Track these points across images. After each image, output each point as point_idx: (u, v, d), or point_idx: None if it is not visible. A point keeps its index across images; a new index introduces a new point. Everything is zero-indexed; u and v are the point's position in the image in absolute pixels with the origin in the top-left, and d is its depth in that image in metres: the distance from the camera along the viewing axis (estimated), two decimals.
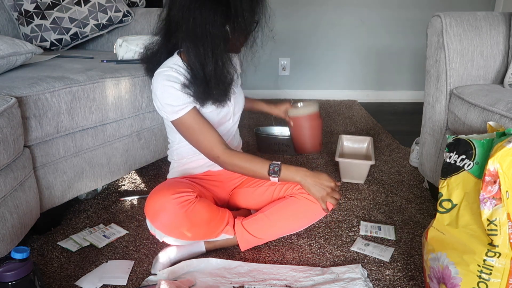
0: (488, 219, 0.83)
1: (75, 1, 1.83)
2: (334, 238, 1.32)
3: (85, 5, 1.84)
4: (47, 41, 1.81)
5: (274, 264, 1.19)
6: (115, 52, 1.68)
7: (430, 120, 1.45)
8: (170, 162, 1.32)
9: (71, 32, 1.84)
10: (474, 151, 0.89)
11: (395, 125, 2.52)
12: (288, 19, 2.92)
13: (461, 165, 0.91)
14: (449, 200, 0.92)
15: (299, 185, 1.18)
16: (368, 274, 1.15)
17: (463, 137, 0.93)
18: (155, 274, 1.13)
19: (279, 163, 1.12)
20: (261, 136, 2.01)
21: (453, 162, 0.93)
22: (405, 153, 2.04)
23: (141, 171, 1.80)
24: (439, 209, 0.95)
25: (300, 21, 2.94)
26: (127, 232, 1.34)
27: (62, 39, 1.84)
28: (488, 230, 0.83)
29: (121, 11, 1.92)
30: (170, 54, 1.15)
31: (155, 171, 1.81)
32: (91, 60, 1.61)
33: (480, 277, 0.85)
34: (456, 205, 0.91)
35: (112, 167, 1.45)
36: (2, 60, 1.20)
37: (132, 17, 1.97)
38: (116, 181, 1.71)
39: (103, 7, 1.87)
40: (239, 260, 1.20)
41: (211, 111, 1.16)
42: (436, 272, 0.95)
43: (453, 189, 0.92)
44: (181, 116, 1.10)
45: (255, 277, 1.12)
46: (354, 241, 1.30)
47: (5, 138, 1.00)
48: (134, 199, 1.56)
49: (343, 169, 1.70)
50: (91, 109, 1.30)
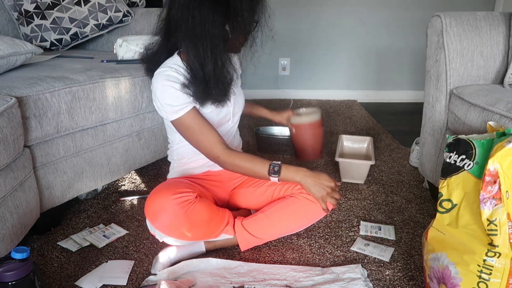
0: (488, 219, 0.83)
1: (75, 1, 1.83)
2: (334, 238, 1.32)
3: (85, 5, 1.84)
4: (47, 41, 1.81)
5: (274, 264, 1.19)
6: (115, 52, 1.68)
7: (430, 120, 1.45)
8: (170, 162, 1.32)
9: (71, 32, 1.84)
10: (474, 151, 0.89)
11: (395, 125, 2.52)
12: (288, 19, 2.92)
13: (461, 165, 0.91)
14: (449, 200, 0.92)
15: (299, 185, 1.18)
16: (368, 274, 1.15)
17: (463, 137, 0.93)
18: (155, 274, 1.13)
19: (279, 163, 1.12)
20: (261, 136, 2.01)
21: (453, 162, 0.93)
22: (405, 153, 2.04)
23: (141, 171, 1.80)
24: (439, 209, 0.95)
25: (300, 21, 2.94)
26: (127, 232, 1.35)
27: (62, 39, 1.84)
28: (488, 230, 0.83)
29: (121, 11, 1.92)
30: (170, 54, 1.15)
31: (155, 171, 1.81)
32: (91, 60, 1.61)
33: (480, 277, 0.85)
34: (456, 205, 0.91)
35: (112, 167, 1.45)
36: (2, 60, 1.20)
37: (132, 17, 1.97)
38: (116, 181, 1.71)
39: (103, 7, 1.87)
40: (239, 260, 1.20)
41: (210, 111, 1.16)
42: (436, 272, 0.95)
43: (453, 189, 0.92)
44: (181, 116, 1.10)
45: (255, 277, 1.12)
46: (354, 241, 1.30)
47: (5, 138, 1.00)
48: (134, 199, 1.56)
49: (343, 169, 1.70)
50: (91, 109, 1.30)
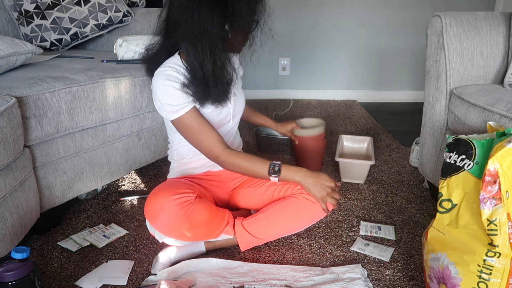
0: (488, 219, 0.83)
1: (75, 1, 1.83)
2: (334, 238, 1.32)
3: (85, 5, 1.84)
4: (47, 41, 1.81)
5: (274, 264, 1.19)
6: (115, 52, 1.68)
7: (430, 120, 1.45)
8: (170, 162, 1.32)
9: (71, 32, 1.84)
10: (474, 151, 0.89)
11: (395, 125, 2.52)
12: (288, 19, 2.92)
13: (461, 165, 0.91)
14: (449, 200, 0.92)
15: (299, 186, 1.18)
16: (368, 274, 1.15)
17: (463, 137, 0.93)
18: (155, 274, 1.13)
19: (279, 163, 1.12)
20: (261, 136, 2.01)
21: (453, 162, 0.93)
22: (405, 153, 2.04)
23: (141, 171, 1.80)
24: (439, 209, 0.95)
25: (300, 21, 2.94)
26: (127, 232, 1.35)
27: (62, 39, 1.84)
28: (488, 230, 0.83)
29: (121, 11, 1.92)
30: (170, 54, 1.15)
31: (155, 171, 1.81)
32: (91, 60, 1.61)
33: (480, 277, 0.85)
34: (456, 205, 0.91)
35: (112, 167, 1.45)
36: (2, 60, 1.20)
37: (132, 17, 1.97)
38: (116, 181, 1.71)
39: (103, 7, 1.87)
40: (239, 260, 1.20)
41: (210, 111, 1.16)
42: (436, 272, 0.95)
43: (453, 189, 0.92)
44: (181, 115, 1.10)
45: (255, 277, 1.12)
46: (354, 241, 1.30)
47: (5, 138, 1.00)
48: (134, 199, 1.56)
49: (343, 169, 1.70)
50: (91, 109, 1.30)
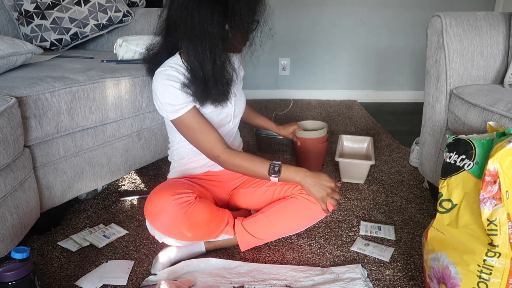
0: (488, 219, 0.83)
1: (75, 1, 1.83)
2: (334, 238, 1.32)
3: (85, 5, 1.84)
4: (47, 41, 1.81)
5: (274, 264, 1.19)
6: (115, 52, 1.68)
7: (430, 120, 1.45)
8: (170, 162, 1.32)
9: (71, 32, 1.84)
10: (474, 151, 0.89)
11: (395, 125, 2.52)
12: (288, 19, 2.92)
13: (461, 165, 0.91)
14: (449, 200, 0.92)
15: (299, 186, 1.18)
16: (368, 274, 1.15)
17: (463, 137, 0.93)
18: (155, 274, 1.13)
19: (280, 163, 1.12)
20: (261, 136, 2.01)
21: (453, 162, 0.93)
22: (405, 153, 2.04)
23: (141, 171, 1.80)
24: (439, 209, 0.95)
25: (300, 21, 2.94)
26: (127, 232, 1.35)
27: (62, 39, 1.84)
28: (488, 230, 0.83)
29: (121, 11, 1.92)
30: (171, 54, 1.15)
31: (155, 171, 1.81)
32: (91, 60, 1.61)
33: (480, 277, 0.85)
34: (456, 205, 0.91)
35: (112, 167, 1.45)
36: (2, 60, 1.20)
37: (132, 17, 1.96)
38: (116, 181, 1.71)
39: (103, 7, 1.87)
40: (239, 260, 1.20)
41: (211, 111, 1.16)
42: (436, 272, 0.95)
43: (453, 189, 0.92)
44: (181, 115, 1.10)
45: (255, 277, 1.12)
46: (354, 241, 1.30)
47: (5, 138, 1.00)
48: (134, 199, 1.56)
49: (343, 169, 1.70)
50: (91, 109, 1.30)
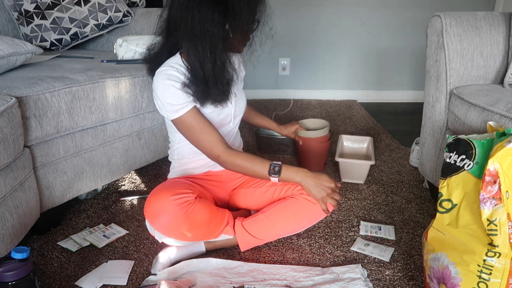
0: (488, 219, 0.83)
1: (75, 1, 1.83)
2: (334, 238, 1.32)
3: (85, 5, 1.84)
4: (47, 41, 1.81)
5: (274, 264, 1.19)
6: (115, 52, 1.68)
7: (430, 120, 1.45)
8: (170, 162, 1.32)
9: (71, 32, 1.84)
10: (474, 151, 0.89)
11: (395, 125, 2.52)
12: (288, 19, 2.92)
13: (461, 165, 0.91)
14: (449, 200, 0.92)
15: (299, 186, 1.18)
16: (368, 274, 1.15)
17: (463, 137, 0.93)
18: (155, 274, 1.13)
19: (280, 163, 1.12)
20: (261, 136, 2.01)
21: (453, 162, 0.93)
22: (405, 153, 2.04)
23: (141, 171, 1.80)
24: (439, 209, 0.95)
25: (300, 21, 2.94)
26: (127, 232, 1.35)
27: (62, 39, 1.84)
28: (488, 230, 0.83)
29: (121, 11, 1.92)
30: (171, 54, 1.15)
31: (155, 171, 1.81)
32: (91, 60, 1.61)
33: (480, 277, 0.85)
34: (456, 205, 0.91)
35: (112, 167, 1.45)
36: (2, 60, 1.20)
37: (132, 17, 1.96)
38: (116, 181, 1.71)
39: (103, 7, 1.87)
40: (239, 260, 1.20)
41: (211, 111, 1.16)
42: (436, 272, 0.95)
43: (453, 189, 0.92)
44: (182, 115, 1.10)
45: (255, 277, 1.12)
46: (354, 241, 1.30)
47: (5, 138, 1.00)
48: (134, 199, 1.56)
49: (343, 169, 1.70)
50: (91, 109, 1.30)
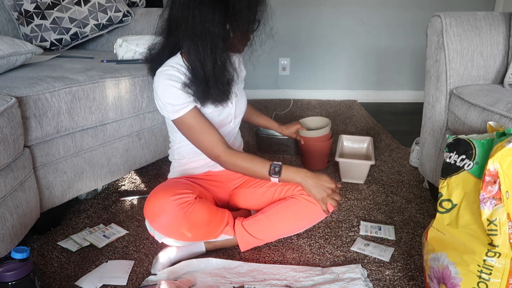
0: (488, 219, 0.83)
1: (75, 1, 1.83)
2: (334, 238, 1.32)
3: (85, 5, 1.84)
4: (47, 41, 1.81)
5: (274, 264, 1.19)
6: (115, 52, 1.68)
7: (430, 120, 1.45)
8: (170, 162, 1.32)
9: (71, 32, 1.84)
10: (474, 151, 0.89)
11: (395, 125, 2.52)
12: (288, 18, 2.92)
13: (461, 165, 0.91)
14: (449, 200, 0.92)
15: (299, 186, 1.18)
16: (368, 274, 1.15)
17: (463, 137, 0.93)
18: (155, 274, 1.13)
19: (280, 163, 1.12)
20: (261, 136, 2.01)
21: (453, 162, 0.93)
22: (405, 153, 2.04)
23: (141, 171, 1.80)
24: (439, 209, 0.95)
25: (300, 20, 2.94)
26: (127, 232, 1.35)
27: (62, 39, 1.84)
28: (488, 230, 0.83)
29: (121, 11, 1.92)
30: (172, 54, 1.15)
31: (155, 171, 1.81)
32: (91, 60, 1.61)
33: (480, 277, 0.85)
34: (456, 205, 0.91)
35: (112, 167, 1.45)
36: (2, 60, 1.20)
37: (132, 17, 1.96)
38: (116, 181, 1.71)
39: (103, 7, 1.87)
40: (239, 260, 1.20)
41: (211, 111, 1.16)
42: (436, 272, 0.95)
43: (453, 189, 0.92)
44: (182, 115, 1.10)
45: (255, 277, 1.12)
46: (354, 241, 1.30)
47: (5, 138, 1.00)
48: (134, 199, 1.56)
49: (343, 169, 1.70)
50: (91, 109, 1.30)
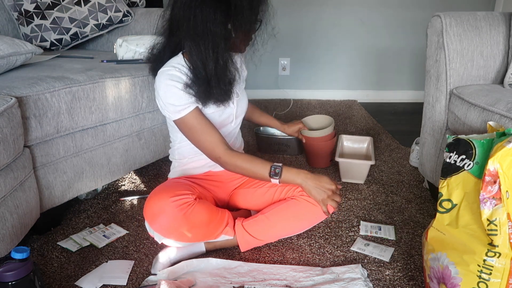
0: (488, 219, 0.83)
1: (75, 1, 1.83)
2: (334, 238, 1.32)
3: (85, 5, 1.84)
4: (47, 41, 1.81)
5: (274, 264, 1.19)
6: (115, 52, 1.68)
7: (430, 120, 1.45)
8: (171, 161, 1.32)
9: (71, 32, 1.84)
10: (474, 151, 0.89)
11: (395, 125, 2.52)
12: (288, 18, 2.92)
13: (461, 165, 0.91)
14: (449, 200, 0.92)
15: (300, 187, 1.18)
16: (368, 274, 1.15)
17: (463, 137, 0.93)
18: (155, 274, 1.13)
19: (280, 165, 1.12)
20: (261, 136, 2.01)
21: (453, 162, 0.93)
22: (405, 153, 2.04)
23: (141, 171, 1.80)
24: (439, 209, 0.95)
25: (300, 20, 2.94)
26: (127, 232, 1.35)
27: (62, 39, 1.84)
28: (488, 230, 0.83)
29: (121, 11, 1.91)
30: (174, 54, 1.15)
31: (155, 171, 1.81)
32: (91, 60, 1.61)
33: (480, 277, 0.85)
34: (456, 205, 0.91)
35: (112, 167, 1.45)
36: (2, 60, 1.20)
37: (132, 17, 1.96)
38: (116, 181, 1.71)
39: (103, 7, 1.87)
40: (239, 260, 1.20)
41: (213, 111, 1.16)
42: (436, 272, 0.95)
43: (453, 189, 0.92)
44: (184, 116, 1.10)
45: (255, 277, 1.12)
46: (354, 241, 1.30)
47: (5, 138, 1.00)
48: (134, 199, 1.56)
49: (343, 169, 1.70)
50: (91, 109, 1.30)
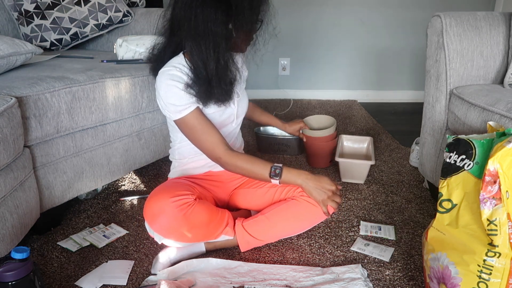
0: (488, 219, 0.83)
1: (75, 1, 1.83)
2: (334, 238, 1.32)
3: (85, 5, 1.84)
4: (47, 41, 1.81)
5: (274, 264, 1.19)
6: (115, 52, 1.68)
7: (430, 120, 1.45)
8: (171, 161, 1.32)
9: (71, 32, 1.84)
10: (474, 151, 0.89)
11: (395, 125, 2.52)
12: (288, 19, 2.92)
13: (461, 165, 0.91)
14: (449, 200, 0.92)
15: (300, 188, 1.18)
16: (368, 274, 1.15)
17: (463, 137, 0.93)
18: (155, 274, 1.13)
19: (281, 165, 1.12)
20: (261, 136, 2.01)
21: (453, 162, 0.93)
22: (405, 153, 2.04)
23: (141, 171, 1.80)
24: (439, 209, 0.95)
25: (300, 21, 2.94)
26: (127, 232, 1.35)
27: (62, 39, 1.84)
28: (488, 230, 0.83)
29: (121, 11, 1.92)
30: (174, 54, 1.15)
31: (155, 171, 1.81)
32: (91, 60, 1.61)
33: (480, 277, 0.85)
34: (456, 205, 0.91)
35: (112, 167, 1.45)
36: (2, 60, 1.20)
37: (132, 17, 1.97)
38: (116, 181, 1.71)
39: (103, 7, 1.87)
40: (239, 260, 1.20)
41: (213, 111, 1.16)
42: (436, 272, 0.95)
43: (453, 189, 0.92)
44: (184, 116, 1.10)
45: (255, 277, 1.12)
46: (354, 241, 1.30)
47: (5, 138, 1.00)
48: (134, 199, 1.56)
49: (343, 169, 1.70)
50: (91, 109, 1.30)
